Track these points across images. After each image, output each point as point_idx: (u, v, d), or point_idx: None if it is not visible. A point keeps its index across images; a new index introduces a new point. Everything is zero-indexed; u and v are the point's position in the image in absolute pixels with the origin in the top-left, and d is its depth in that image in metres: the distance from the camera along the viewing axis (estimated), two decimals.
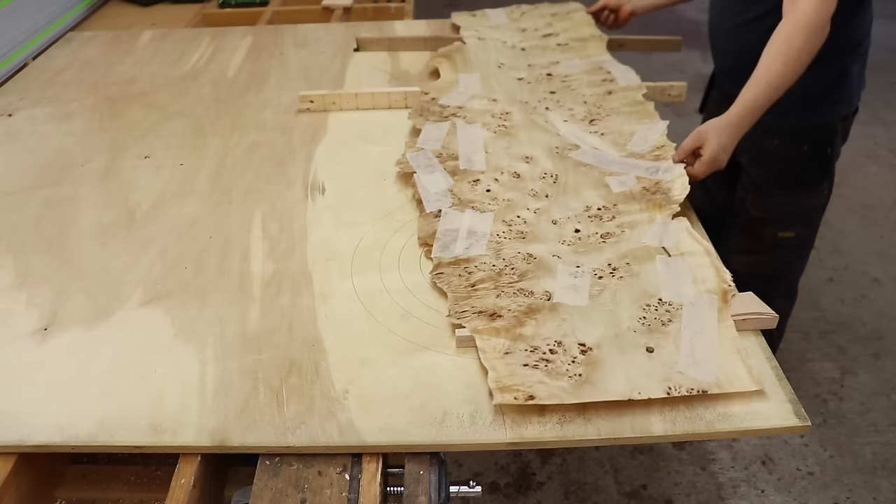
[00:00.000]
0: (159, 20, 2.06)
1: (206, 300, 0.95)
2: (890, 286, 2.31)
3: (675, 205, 1.06)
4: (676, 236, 1.00)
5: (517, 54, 1.62)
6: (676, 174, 1.12)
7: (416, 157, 1.19)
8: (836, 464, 1.76)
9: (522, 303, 0.89)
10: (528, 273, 0.94)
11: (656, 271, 0.94)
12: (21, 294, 0.97)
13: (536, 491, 1.72)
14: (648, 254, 0.97)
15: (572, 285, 0.92)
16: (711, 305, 0.88)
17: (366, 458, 0.76)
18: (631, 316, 0.88)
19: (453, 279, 0.94)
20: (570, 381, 0.78)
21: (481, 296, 0.91)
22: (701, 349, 0.83)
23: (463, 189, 1.11)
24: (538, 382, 0.78)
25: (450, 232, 1.02)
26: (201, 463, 0.75)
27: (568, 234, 1.02)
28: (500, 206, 1.08)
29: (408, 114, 1.34)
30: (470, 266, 0.96)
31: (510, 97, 1.41)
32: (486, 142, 1.24)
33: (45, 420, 0.78)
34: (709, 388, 0.78)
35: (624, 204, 1.08)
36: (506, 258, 0.97)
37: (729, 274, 0.93)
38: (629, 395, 0.77)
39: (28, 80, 1.63)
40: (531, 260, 0.97)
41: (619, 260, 0.97)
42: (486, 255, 0.97)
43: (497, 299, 0.90)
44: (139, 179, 1.23)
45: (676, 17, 4.27)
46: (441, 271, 0.96)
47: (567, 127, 1.31)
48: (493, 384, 0.78)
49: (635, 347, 0.83)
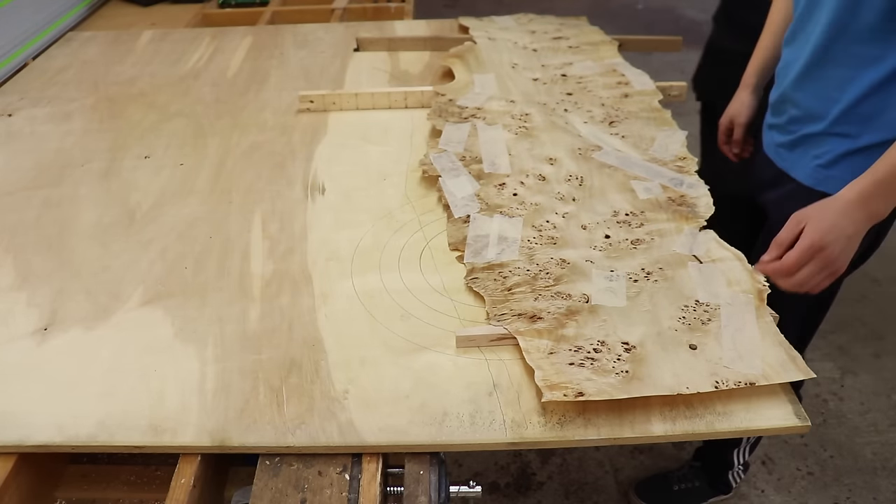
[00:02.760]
0: (159, 20, 2.06)
1: (206, 300, 0.95)
2: (890, 286, 2.31)
3: (701, 220, 1.06)
4: (706, 245, 1.00)
5: (529, 55, 1.62)
6: (701, 192, 1.11)
7: (439, 159, 1.19)
8: (836, 464, 1.76)
9: (561, 305, 0.89)
10: (564, 277, 0.94)
11: (690, 276, 0.94)
12: (21, 294, 0.97)
13: (536, 491, 1.72)
14: (680, 260, 0.97)
15: (608, 288, 0.92)
16: (749, 304, 0.89)
17: (366, 458, 0.76)
18: (670, 316, 0.88)
19: (489, 283, 0.94)
20: (617, 378, 0.78)
21: (519, 299, 0.91)
22: (743, 345, 0.83)
23: (490, 193, 1.12)
24: (586, 380, 0.78)
25: (480, 238, 1.02)
26: (201, 463, 0.75)
27: (598, 240, 1.02)
28: (529, 210, 1.08)
29: (426, 114, 1.34)
30: (504, 271, 0.96)
31: (527, 98, 1.41)
32: (508, 144, 1.25)
33: (45, 420, 0.78)
34: (756, 381, 0.78)
35: (651, 212, 1.07)
36: (539, 263, 0.97)
37: (762, 276, 0.93)
38: (678, 389, 0.77)
39: (28, 80, 1.63)
40: (565, 265, 0.97)
41: (653, 265, 0.97)
42: (519, 260, 0.98)
43: (535, 302, 0.90)
44: (139, 179, 1.23)
45: (676, 17, 4.27)
46: (476, 276, 0.96)
47: (587, 128, 1.31)
48: (541, 382, 0.78)
49: (678, 345, 0.83)
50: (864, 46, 1.07)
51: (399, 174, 1.21)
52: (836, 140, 1.15)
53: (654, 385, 0.78)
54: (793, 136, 1.22)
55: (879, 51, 1.05)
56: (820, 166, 1.18)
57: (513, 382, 0.81)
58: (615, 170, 1.17)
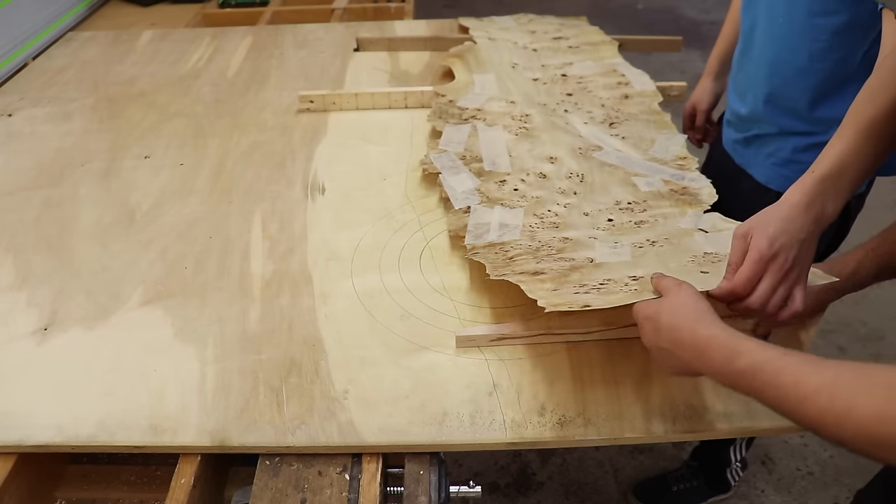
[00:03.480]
0: (159, 20, 2.06)
1: (206, 300, 0.95)
2: (890, 286, 2.30)
3: (705, 205, 1.05)
4: (711, 221, 0.99)
5: (529, 55, 1.62)
6: (703, 184, 1.11)
7: (439, 159, 1.19)
8: (836, 464, 1.76)
9: (565, 264, 0.88)
10: (567, 249, 0.94)
11: (697, 242, 0.93)
12: (21, 294, 0.97)
13: (536, 491, 1.72)
14: (686, 233, 0.97)
15: (613, 252, 0.91)
16: None
17: (366, 458, 0.76)
18: (678, 262, 0.87)
19: (490, 256, 0.93)
20: (626, 293, 0.77)
21: (520, 263, 0.90)
22: None
23: (490, 188, 1.11)
24: (592, 298, 0.77)
25: (481, 225, 1.01)
26: (201, 463, 0.75)
27: (601, 223, 1.02)
28: (530, 202, 1.07)
29: (426, 115, 1.34)
30: (506, 246, 0.95)
31: (528, 99, 1.41)
32: (508, 144, 1.25)
33: (45, 420, 0.78)
34: None
35: (654, 200, 1.07)
36: (542, 241, 0.96)
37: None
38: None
39: (28, 80, 1.63)
40: (566, 241, 0.96)
41: (658, 237, 0.96)
42: (520, 240, 0.97)
43: (538, 265, 0.89)
44: (139, 179, 1.23)
45: (676, 17, 4.27)
46: (476, 251, 0.95)
47: (588, 129, 1.31)
48: (542, 303, 0.76)
49: (690, 272, 0.82)
50: (806, 52, 1.08)
51: (399, 174, 1.21)
52: (789, 138, 1.16)
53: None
54: (746, 133, 1.24)
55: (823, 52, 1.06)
56: (775, 164, 1.19)
57: (513, 382, 0.81)
58: (616, 167, 1.17)
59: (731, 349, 0.61)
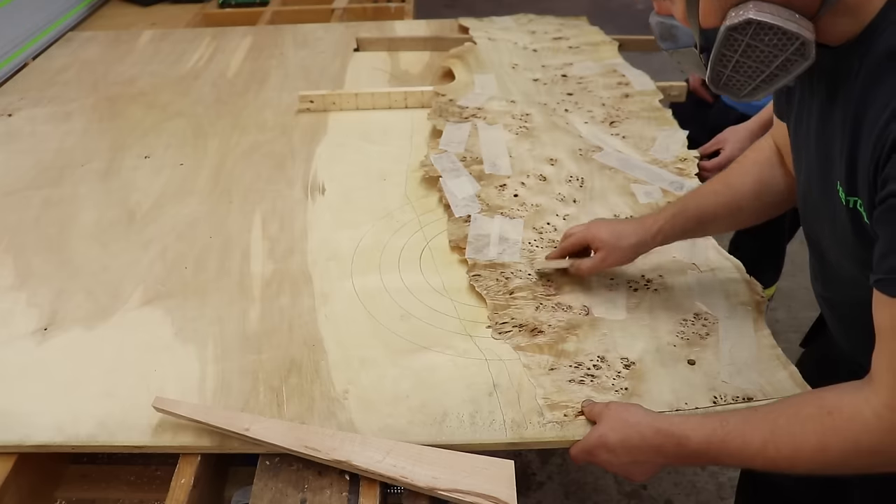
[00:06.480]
0: (159, 20, 2.06)
1: (206, 300, 0.95)
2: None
3: None
4: (705, 253, 1.01)
5: (529, 55, 1.62)
6: None
7: (440, 160, 1.19)
8: None
9: (562, 318, 0.90)
10: (565, 286, 0.95)
11: (689, 286, 0.95)
12: (21, 294, 0.97)
13: (536, 491, 1.72)
14: (680, 268, 0.98)
15: (608, 298, 0.93)
16: (746, 318, 0.89)
17: None
18: (669, 330, 0.88)
19: (491, 284, 0.95)
20: (616, 395, 0.79)
21: (520, 306, 0.91)
22: (741, 358, 0.84)
23: (490, 194, 1.12)
24: (586, 398, 0.79)
25: (481, 237, 1.03)
26: (201, 463, 0.75)
27: None
28: (529, 211, 1.08)
29: (427, 114, 1.34)
30: (507, 272, 0.97)
31: (528, 98, 1.41)
32: (508, 144, 1.25)
33: (45, 420, 0.78)
34: (754, 396, 0.79)
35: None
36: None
37: (760, 286, 0.94)
38: (676, 405, 0.78)
39: (28, 80, 1.63)
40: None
41: (652, 272, 0.97)
42: (520, 263, 0.98)
43: (536, 312, 0.91)
44: (139, 179, 1.22)
45: None
46: (478, 273, 0.96)
47: (588, 129, 1.31)
48: (541, 401, 0.79)
49: (677, 360, 0.84)
50: None
51: (399, 174, 1.21)
52: None
53: (652, 402, 0.78)
54: None
55: None
56: None
57: (513, 382, 0.81)
58: (616, 172, 1.17)
59: (678, 437, 0.68)
